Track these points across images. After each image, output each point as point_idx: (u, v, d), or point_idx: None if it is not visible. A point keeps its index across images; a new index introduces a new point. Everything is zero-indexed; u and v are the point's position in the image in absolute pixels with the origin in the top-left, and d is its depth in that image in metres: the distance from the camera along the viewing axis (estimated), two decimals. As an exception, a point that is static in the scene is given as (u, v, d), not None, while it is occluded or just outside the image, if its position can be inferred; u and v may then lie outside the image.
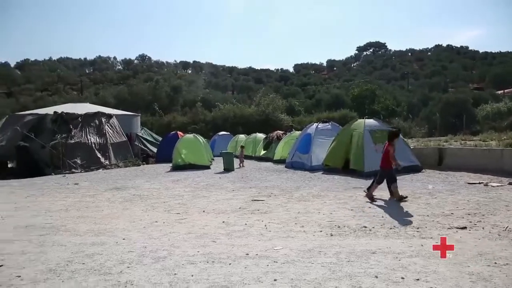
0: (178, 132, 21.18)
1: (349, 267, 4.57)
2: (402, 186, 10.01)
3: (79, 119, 19.03)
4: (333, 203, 8.30)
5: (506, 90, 53.86)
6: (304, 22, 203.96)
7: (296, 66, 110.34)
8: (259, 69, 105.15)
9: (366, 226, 6.38)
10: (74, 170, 16.88)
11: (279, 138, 18.61)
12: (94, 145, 18.28)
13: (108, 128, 19.41)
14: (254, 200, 8.96)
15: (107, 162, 18.14)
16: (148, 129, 25.39)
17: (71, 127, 18.51)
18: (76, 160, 17.46)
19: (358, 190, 9.74)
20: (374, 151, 12.01)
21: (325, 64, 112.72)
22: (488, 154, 12.47)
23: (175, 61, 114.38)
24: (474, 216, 6.83)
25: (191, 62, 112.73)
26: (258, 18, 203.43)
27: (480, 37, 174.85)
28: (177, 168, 15.81)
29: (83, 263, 5.15)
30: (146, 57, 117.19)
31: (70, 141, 17.85)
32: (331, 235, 5.97)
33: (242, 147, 18.12)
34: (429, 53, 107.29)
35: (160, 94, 47.59)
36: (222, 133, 26.03)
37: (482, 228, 6.10)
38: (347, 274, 4.35)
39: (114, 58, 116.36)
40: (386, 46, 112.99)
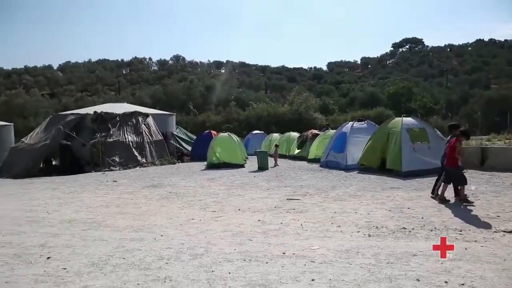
0: (212, 131, 21.40)
1: (388, 269, 4.46)
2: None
3: (117, 119, 19.58)
4: (370, 203, 8.13)
5: (554, 86, 50.95)
6: (337, 20, 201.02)
7: (329, 64, 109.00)
8: (292, 67, 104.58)
9: (405, 228, 6.20)
10: (112, 168, 17.40)
11: (314, 137, 18.44)
12: (131, 143, 18.77)
13: (144, 127, 19.88)
14: (290, 199, 8.92)
15: (144, 160, 18.58)
16: (183, 128, 25.82)
17: (110, 126, 19.08)
18: (114, 158, 17.99)
19: (396, 190, 9.50)
20: (412, 150, 11.70)
21: (359, 61, 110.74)
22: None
23: (209, 61, 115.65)
24: (522, 219, 6.51)
25: (224, 61, 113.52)
26: (290, 17, 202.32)
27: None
28: (211, 166, 15.99)
29: (124, 258, 5.30)
30: (181, 57, 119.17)
31: (109, 139, 18.41)
32: (369, 236, 5.85)
33: (277, 146, 18.07)
34: (469, 48, 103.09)
35: (194, 94, 48.31)
36: (256, 132, 26.06)
37: (531, 231, 5.80)
38: (387, 276, 4.25)
39: (150, 59, 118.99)
40: (423, 42, 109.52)
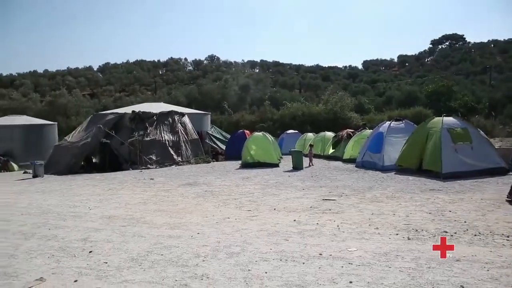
0: (245, 130, 21.49)
1: (430, 274, 4.31)
2: (486, 189, 9.30)
3: (154, 118, 20.05)
4: (409, 205, 7.90)
5: None
6: (373, 17, 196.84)
7: (365, 63, 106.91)
8: (327, 66, 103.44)
9: (446, 231, 5.98)
10: (149, 166, 17.84)
11: (349, 137, 18.14)
12: (167, 142, 19.17)
13: (180, 126, 20.25)
14: (325, 199, 8.81)
15: (180, 158, 18.93)
16: (217, 127, 26.08)
17: (147, 125, 19.57)
18: (151, 156, 18.43)
19: (436, 192, 9.18)
20: (453, 151, 11.28)
21: (396, 59, 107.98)
22: None
23: (243, 60, 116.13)
24: None
25: (258, 61, 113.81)
26: (324, 15, 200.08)
27: None
28: (246, 165, 16.06)
29: (162, 255, 5.41)
30: (215, 57, 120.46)
31: (146, 138, 18.89)
32: (408, 239, 5.68)
33: (311, 146, 17.91)
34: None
35: (228, 93, 48.70)
36: (290, 131, 25.95)
37: None
38: (429, 282, 4.11)
39: (185, 59, 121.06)
40: (464, 38, 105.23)
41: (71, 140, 19.94)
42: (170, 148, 19.03)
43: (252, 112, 40.27)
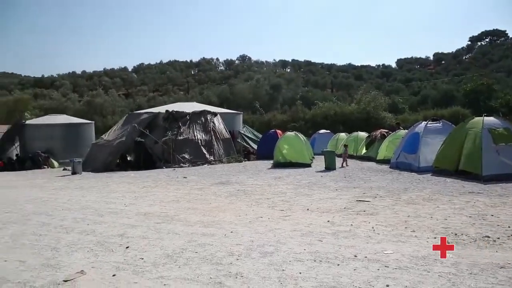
0: (277, 130, 21.45)
1: (472, 281, 4.14)
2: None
3: (187, 117, 20.36)
4: (447, 208, 7.64)
5: None
6: (406, 14, 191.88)
7: (399, 61, 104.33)
8: (359, 65, 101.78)
9: (489, 236, 5.74)
10: (182, 165, 18.12)
11: (383, 137, 17.77)
12: (200, 141, 19.42)
13: (213, 125, 20.46)
14: (359, 200, 8.66)
15: (212, 157, 19.12)
16: (249, 126, 26.17)
17: (180, 125, 19.89)
18: (184, 155, 18.73)
19: (476, 195, 8.84)
20: (495, 152, 10.82)
21: (431, 57, 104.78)
22: None
23: (274, 60, 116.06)
24: None
25: (290, 60, 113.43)
26: (357, 13, 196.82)
27: None
28: (278, 165, 16.02)
29: (196, 252, 5.47)
30: (247, 57, 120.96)
31: (179, 137, 19.21)
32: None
33: (346, 146, 17.59)
34: None
35: (260, 93, 48.80)
36: (323, 131, 25.71)
37: None
38: (471, 288, 3.95)
39: (217, 59, 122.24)
40: (506, 34, 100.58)
41: (108, 138, 20.56)
42: (202, 147, 19.27)
43: (283, 111, 40.20)
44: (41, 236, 6.81)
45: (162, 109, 22.21)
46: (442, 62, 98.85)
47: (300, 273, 4.53)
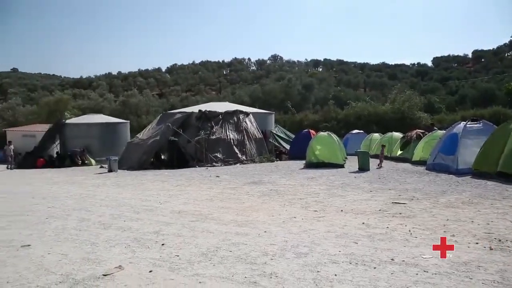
0: (310, 130, 21.28)
1: (518, 288, 3.96)
2: None
3: (220, 117, 20.53)
4: (489, 212, 7.33)
5: None
6: (443, 10, 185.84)
7: (435, 60, 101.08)
8: (393, 64, 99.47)
9: (535, 242, 5.46)
10: (214, 164, 18.30)
11: (419, 138, 17.28)
12: (232, 141, 19.54)
13: (245, 125, 20.54)
14: (395, 202, 8.46)
15: (244, 157, 19.21)
16: (281, 126, 26.08)
17: (213, 124, 20.09)
18: (216, 154, 18.90)
19: (520, 199, 8.44)
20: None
21: (470, 55, 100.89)
22: None
23: (306, 59, 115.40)
24: None
25: (322, 60, 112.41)
26: (390, 10, 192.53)
27: None
28: (310, 165, 15.89)
29: (230, 251, 5.50)
30: (278, 57, 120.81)
31: (211, 136, 19.41)
32: (491, 249, 5.26)
33: (383, 146, 17.14)
34: None
35: (292, 93, 48.53)
36: (356, 131, 25.29)
37: None
38: (518, 296, 3.77)
39: (249, 59, 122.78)
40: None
41: (142, 137, 21.05)
42: (234, 146, 19.39)
43: (315, 111, 39.79)
44: (81, 231, 7.05)
45: (195, 108, 22.50)
46: (482, 60, 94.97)
47: (335, 275, 4.47)
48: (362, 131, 25.44)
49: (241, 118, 20.80)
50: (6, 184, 15.37)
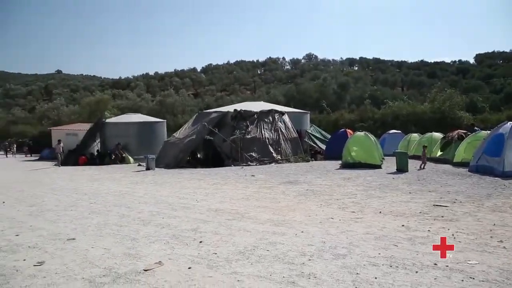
0: (347, 129, 20.95)
1: None
2: None
3: (255, 116, 20.57)
4: (540, 218, 6.95)
5: None
6: (485, 3, 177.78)
7: (477, 56, 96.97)
8: (432, 62, 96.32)
9: None
10: (250, 163, 18.36)
11: (461, 138, 16.62)
12: (267, 140, 19.54)
13: (280, 124, 20.49)
14: (436, 205, 8.17)
15: (279, 156, 19.17)
16: (316, 126, 25.84)
17: (248, 123, 20.16)
18: (252, 153, 18.96)
19: None
20: None
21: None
22: None
23: (341, 58, 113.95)
24: None
25: (357, 58, 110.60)
26: (429, 6, 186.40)
27: None
28: (346, 166, 15.64)
29: (268, 250, 5.50)
30: (313, 56, 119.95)
31: (247, 136, 19.48)
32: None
33: (425, 147, 16.56)
34: None
35: (327, 92, 48.03)
36: (393, 131, 24.63)
37: None
38: None
39: (283, 58, 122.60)
40: None
41: (179, 136, 21.43)
42: (270, 146, 19.38)
43: (351, 111, 39.14)
44: (121, 226, 7.26)
45: (230, 108, 22.66)
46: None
47: (375, 278, 4.37)
48: (399, 131, 24.75)
49: (276, 117, 20.77)
50: (53, 180, 16.08)
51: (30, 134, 42.11)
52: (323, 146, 21.60)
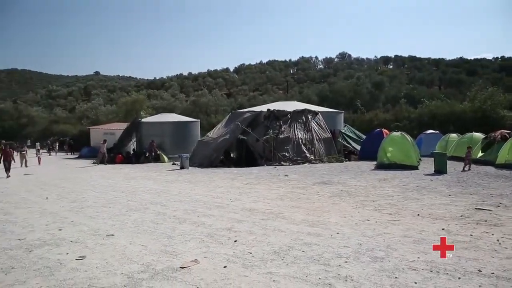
0: (383, 129, 20.48)
1: None
2: None
3: (288, 116, 20.46)
4: None
5: None
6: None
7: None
8: (472, 59, 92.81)
9: None
10: (282, 163, 18.28)
11: (504, 139, 15.87)
12: (301, 140, 19.40)
13: (314, 124, 20.28)
14: (478, 208, 7.84)
15: (312, 156, 18.98)
16: (350, 126, 25.42)
17: (281, 123, 20.08)
18: (285, 153, 18.87)
19: None
20: None
21: None
22: None
23: (375, 56, 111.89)
24: None
25: (392, 56, 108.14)
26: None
27: None
28: (381, 166, 15.28)
29: (303, 251, 5.45)
30: (346, 54, 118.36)
31: (280, 135, 19.40)
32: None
33: (470, 148, 15.90)
34: None
35: (361, 91, 47.21)
36: (430, 131, 23.85)
37: None
38: None
39: (316, 57, 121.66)
40: None
41: (212, 136, 21.63)
42: (303, 145, 19.23)
43: (386, 110, 38.28)
44: (158, 224, 7.41)
45: (263, 107, 22.65)
46: None
47: (415, 283, 4.25)
48: (437, 132, 23.95)
49: (309, 117, 20.58)
50: (92, 177, 16.64)
51: (70, 133, 43.80)
52: (357, 146, 21.20)
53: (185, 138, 26.40)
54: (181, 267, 4.98)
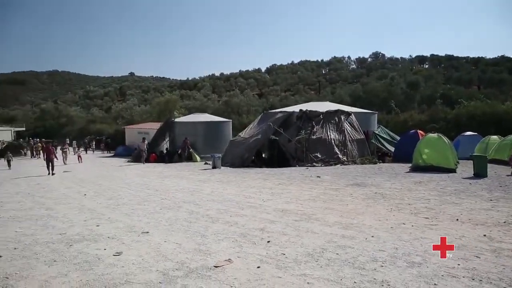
0: (419, 131, 19.91)
1: None
2: None
3: (321, 117, 20.25)
4: None
5: None
6: None
7: None
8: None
9: None
10: (315, 164, 18.11)
11: (550, 142, 15.09)
12: (333, 141, 19.16)
13: (346, 125, 19.98)
14: (523, 214, 7.48)
15: (345, 158, 18.71)
16: (384, 127, 24.89)
17: (314, 124, 19.90)
18: (317, 154, 18.69)
19: None
20: None
21: None
22: None
23: (410, 56, 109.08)
24: None
25: (428, 55, 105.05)
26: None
27: None
28: (416, 169, 14.84)
29: (337, 254, 5.37)
30: (380, 54, 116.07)
31: (312, 136, 19.24)
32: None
33: None
34: None
35: (395, 91, 46.19)
36: (469, 133, 22.98)
37: None
38: None
39: (348, 57, 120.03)
40: None
41: (244, 136, 21.72)
42: (335, 146, 18.98)
43: (421, 111, 37.23)
44: (191, 223, 7.50)
45: (295, 108, 22.52)
46: None
47: (456, 290, 4.09)
48: (476, 133, 23.04)
49: (342, 118, 20.29)
50: (127, 175, 17.08)
51: (106, 133, 45.23)
52: (391, 148, 20.71)
53: (217, 138, 26.64)
54: (215, 266, 5.02)
